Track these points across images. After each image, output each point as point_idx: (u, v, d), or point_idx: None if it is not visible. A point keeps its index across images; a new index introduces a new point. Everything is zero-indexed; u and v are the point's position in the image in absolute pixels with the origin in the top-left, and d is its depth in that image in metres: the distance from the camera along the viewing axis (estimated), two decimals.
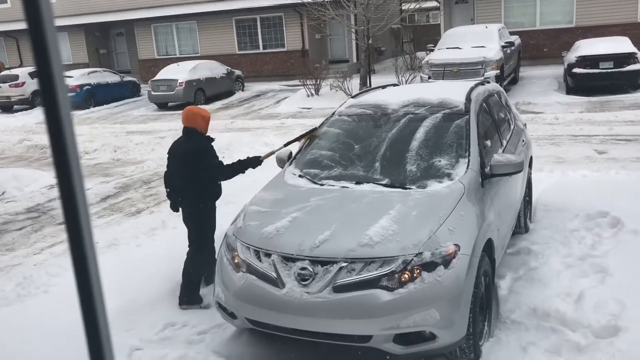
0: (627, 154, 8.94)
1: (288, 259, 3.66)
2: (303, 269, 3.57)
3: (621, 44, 14.67)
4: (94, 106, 20.53)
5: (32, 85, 20.77)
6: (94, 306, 0.84)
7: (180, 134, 5.21)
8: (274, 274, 3.65)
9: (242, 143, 11.48)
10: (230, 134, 12.82)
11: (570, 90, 14.67)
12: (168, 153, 5.17)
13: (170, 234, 6.67)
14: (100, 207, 8.38)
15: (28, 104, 20.62)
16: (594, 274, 4.82)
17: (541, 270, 4.98)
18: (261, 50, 23.79)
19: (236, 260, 3.91)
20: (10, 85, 20.72)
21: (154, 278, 5.34)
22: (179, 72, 19.01)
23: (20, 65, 26.09)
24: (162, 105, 19.37)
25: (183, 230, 6.68)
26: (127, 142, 12.71)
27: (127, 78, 22.85)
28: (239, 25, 23.87)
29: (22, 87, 20.68)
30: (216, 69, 20.41)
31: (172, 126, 15.50)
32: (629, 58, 13.96)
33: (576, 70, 14.25)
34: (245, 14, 23.37)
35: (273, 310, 3.60)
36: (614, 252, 5.13)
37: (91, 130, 15.86)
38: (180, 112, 5.67)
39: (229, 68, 21.14)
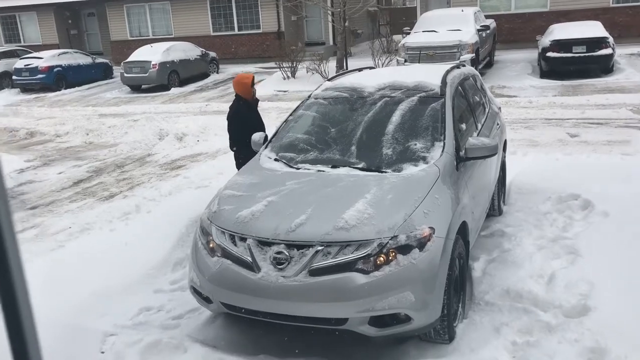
0: (598, 137, 9.09)
1: (264, 243, 3.64)
2: (279, 252, 3.56)
3: (594, 29, 14.84)
4: (65, 88, 20.07)
5: None
6: (17, 309, 0.79)
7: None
8: (249, 258, 3.63)
9: (217, 126, 11.34)
10: (205, 117, 12.69)
11: (544, 74, 14.82)
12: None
13: (144, 219, 6.60)
14: (72, 192, 8.24)
15: None
16: (565, 255, 4.91)
17: (514, 252, 5.06)
18: (236, 31, 23.48)
19: (211, 245, 3.88)
20: None
21: (128, 263, 5.29)
22: (153, 54, 18.67)
23: None
24: (136, 87, 19.04)
25: (157, 215, 6.64)
26: (99, 125, 12.47)
27: (99, 60, 22.38)
28: (213, 6, 23.49)
29: None
30: (190, 51, 20.10)
31: (145, 109, 15.28)
32: (601, 43, 14.14)
33: (550, 54, 14.39)
34: None
35: (249, 295, 3.59)
36: (584, 234, 5.23)
37: (62, 113, 15.54)
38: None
39: (204, 50, 20.84)
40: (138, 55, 19.00)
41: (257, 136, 5.12)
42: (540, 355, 3.63)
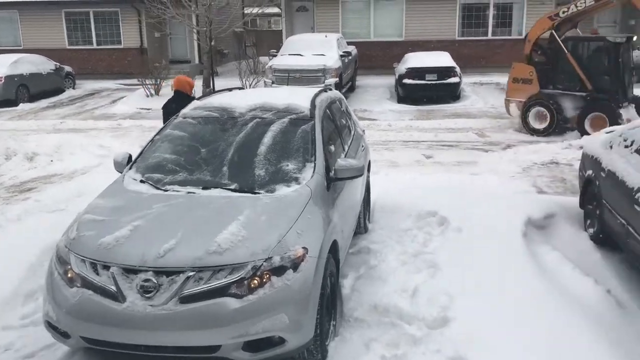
0: (450, 158, 9.86)
1: (129, 271, 3.43)
2: (146, 280, 3.37)
3: (443, 58, 16.20)
4: None
5: None
6: None
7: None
8: (113, 288, 3.40)
9: (74, 145, 10.60)
10: (59, 135, 11.77)
11: (401, 99, 15.82)
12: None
13: None
14: None
15: None
16: (426, 269, 5.22)
17: (380, 268, 5.27)
18: (95, 46, 22.23)
19: (69, 275, 3.58)
20: None
21: None
22: None
23: None
24: None
25: (3, 242, 5.99)
26: None
27: None
28: (69, 18, 22.05)
29: None
30: (42, 64, 18.63)
31: None
32: (449, 71, 15.46)
33: (406, 80, 15.42)
34: (77, 7, 21.70)
35: (113, 327, 3.36)
36: (442, 249, 5.61)
37: None
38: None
39: (58, 64, 19.43)
40: None
41: (119, 156, 4.84)
42: None
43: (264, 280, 3.41)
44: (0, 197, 7.97)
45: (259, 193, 4.09)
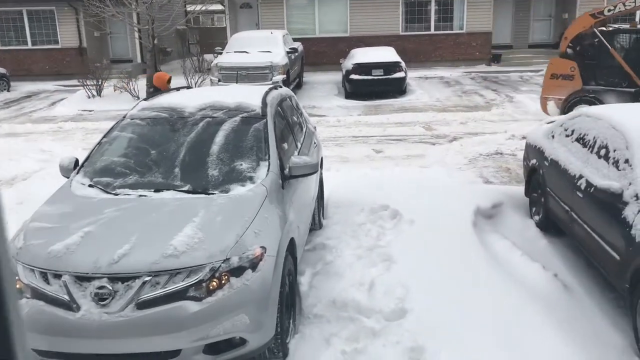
0: (399, 152, 10.02)
1: (82, 279, 3.33)
2: (101, 287, 3.28)
3: (388, 54, 16.40)
4: None
5: None
6: None
7: None
8: (66, 297, 3.29)
9: (12, 150, 10.16)
10: None
11: (348, 95, 15.93)
12: None
13: None
14: None
15: None
16: (381, 262, 5.29)
17: (336, 263, 5.31)
18: (30, 46, 21.30)
19: (18, 286, 3.43)
20: None
21: None
22: None
23: None
24: None
25: None
26: None
27: None
28: (0, 17, 21.06)
29: None
30: None
31: None
32: (395, 66, 15.67)
33: (352, 76, 15.54)
34: (8, 6, 20.72)
35: (67, 337, 3.26)
36: (395, 241, 5.70)
37: None
38: None
39: None
40: None
41: (65, 161, 4.67)
42: None
43: (223, 281, 3.38)
44: None
45: (213, 194, 4.03)
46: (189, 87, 6.17)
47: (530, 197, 6.55)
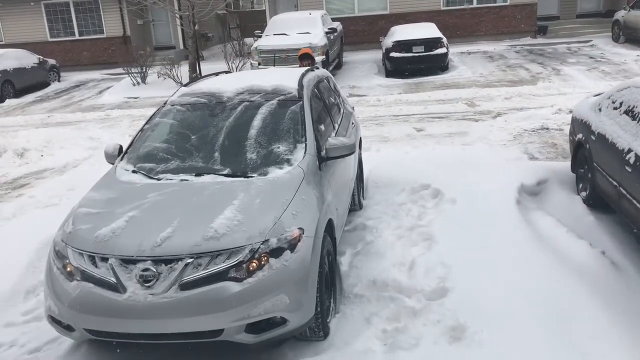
0: (440, 130, 9.87)
1: (128, 262, 3.45)
2: (145, 270, 3.39)
3: (429, 30, 16.08)
4: None
5: None
6: None
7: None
8: (113, 279, 3.42)
9: (63, 138, 10.53)
10: (48, 129, 11.71)
11: (388, 73, 15.73)
12: None
13: None
14: None
15: None
16: (422, 242, 5.27)
17: (376, 243, 5.32)
18: (77, 37, 21.90)
19: (68, 269, 3.60)
20: None
21: None
22: None
23: None
24: None
25: (16, 227, 6.00)
26: None
27: None
28: (49, 10, 21.68)
29: None
30: (25, 59, 18.38)
31: None
32: (436, 42, 15.36)
33: (393, 54, 15.32)
34: None
35: (115, 317, 3.39)
36: (437, 221, 5.66)
37: None
38: None
39: (41, 57, 19.18)
40: None
41: (110, 148, 4.83)
42: (408, 339, 3.86)
43: (262, 262, 3.44)
44: None
45: (251, 177, 4.09)
46: (227, 72, 6.22)
47: (577, 173, 6.35)
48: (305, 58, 8.72)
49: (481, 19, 20.52)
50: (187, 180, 4.12)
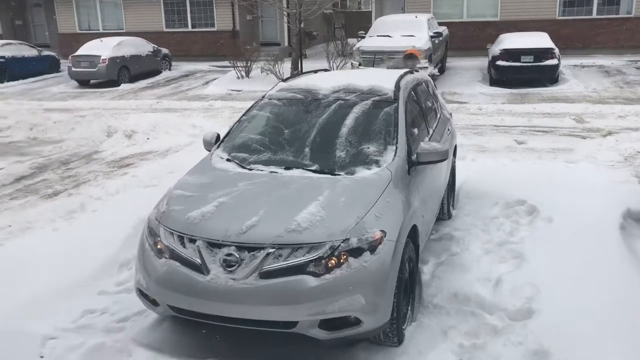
0: (543, 144, 9.38)
1: (213, 245, 3.56)
2: (229, 255, 3.49)
3: (541, 39, 15.34)
4: (8, 80, 19.23)
5: None
6: None
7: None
8: (198, 260, 3.55)
9: (168, 124, 11.12)
10: (156, 115, 12.41)
11: (493, 82, 15.20)
12: None
13: (89, 218, 6.38)
14: (13, 189, 7.89)
15: None
16: (512, 259, 5.04)
17: (462, 256, 5.15)
18: (190, 29, 23.10)
19: (159, 246, 3.78)
20: None
21: (71, 263, 5.08)
22: (102, 48, 18.15)
23: None
24: (84, 82, 18.46)
25: (103, 214, 6.43)
26: (44, 120, 11.99)
27: (46, 52, 21.54)
28: (167, 2, 23.04)
29: None
30: (142, 47, 19.65)
31: (93, 104, 14.83)
32: (547, 53, 14.63)
33: (499, 62, 14.78)
34: None
35: (197, 297, 3.51)
36: (529, 239, 5.38)
37: (5, 107, 14.86)
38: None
39: (156, 46, 20.40)
40: (87, 49, 18.43)
41: (208, 136, 5.02)
42: (486, 358, 3.70)
43: (341, 260, 3.43)
44: (102, 172, 8.54)
45: (339, 174, 4.10)
46: (327, 70, 6.27)
47: None
48: (410, 58, 8.64)
49: (600, 30, 19.30)
50: (276, 172, 4.20)
